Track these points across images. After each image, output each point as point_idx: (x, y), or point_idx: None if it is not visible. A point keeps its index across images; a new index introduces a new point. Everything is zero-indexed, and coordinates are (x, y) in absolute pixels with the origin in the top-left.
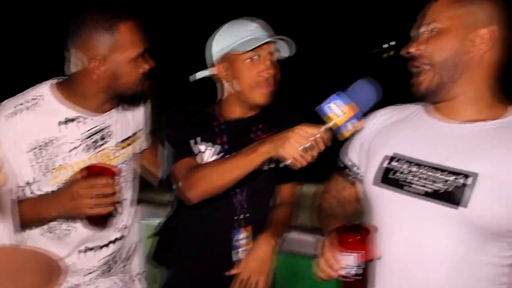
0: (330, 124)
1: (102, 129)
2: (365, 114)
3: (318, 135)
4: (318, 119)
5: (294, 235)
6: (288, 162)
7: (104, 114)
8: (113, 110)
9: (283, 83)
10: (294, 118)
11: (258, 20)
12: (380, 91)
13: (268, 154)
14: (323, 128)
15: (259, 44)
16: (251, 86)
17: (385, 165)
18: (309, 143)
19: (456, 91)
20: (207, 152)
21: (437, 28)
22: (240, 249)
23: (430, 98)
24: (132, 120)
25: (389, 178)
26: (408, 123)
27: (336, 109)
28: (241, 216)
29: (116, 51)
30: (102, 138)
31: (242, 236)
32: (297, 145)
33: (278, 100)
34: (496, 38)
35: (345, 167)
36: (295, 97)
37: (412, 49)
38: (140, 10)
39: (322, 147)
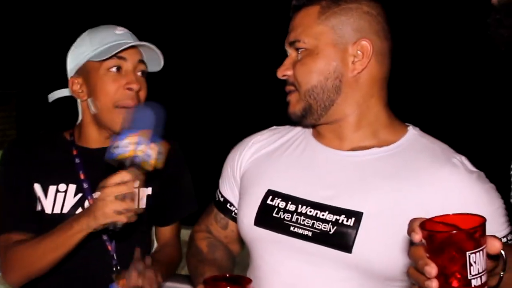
0: (128, 162)
1: None
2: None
3: (126, 182)
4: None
5: (169, 285)
6: (112, 226)
7: None
8: None
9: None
10: (171, 147)
11: (123, 28)
12: (160, 110)
13: (87, 229)
14: (125, 171)
15: (122, 48)
16: (111, 104)
17: (265, 202)
18: (122, 196)
19: (334, 115)
20: (60, 195)
21: (303, 49)
22: None
23: (302, 122)
24: None
25: (269, 217)
26: (290, 149)
27: (122, 147)
28: (114, 269)
29: None
30: None
31: None
32: (111, 206)
33: None
34: (370, 53)
35: (224, 200)
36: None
37: (279, 75)
38: None
39: (135, 192)
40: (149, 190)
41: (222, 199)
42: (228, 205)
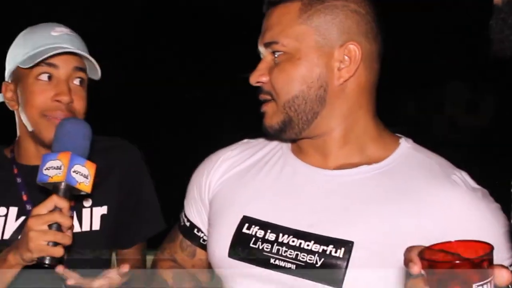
0: (62, 187)
1: None
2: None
3: (60, 209)
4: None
5: None
6: (49, 260)
7: None
8: None
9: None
10: (130, 156)
11: (65, 27)
12: (84, 126)
13: (22, 263)
14: (58, 196)
15: (50, 54)
16: (38, 115)
17: (240, 230)
18: (53, 225)
19: (318, 129)
20: (0, 220)
21: (281, 53)
22: None
23: (279, 137)
24: None
25: (246, 248)
26: (266, 167)
27: (52, 169)
28: None
29: None
30: None
31: None
32: (45, 237)
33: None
34: (358, 58)
35: (191, 225)
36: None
37: (252, 81)
38: None
39: (69, 220)
40: (104, 209)
41: (188, 224)
42: (195, 231)
